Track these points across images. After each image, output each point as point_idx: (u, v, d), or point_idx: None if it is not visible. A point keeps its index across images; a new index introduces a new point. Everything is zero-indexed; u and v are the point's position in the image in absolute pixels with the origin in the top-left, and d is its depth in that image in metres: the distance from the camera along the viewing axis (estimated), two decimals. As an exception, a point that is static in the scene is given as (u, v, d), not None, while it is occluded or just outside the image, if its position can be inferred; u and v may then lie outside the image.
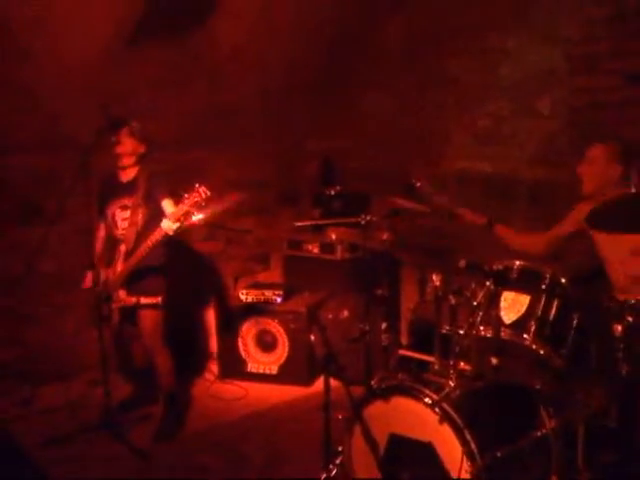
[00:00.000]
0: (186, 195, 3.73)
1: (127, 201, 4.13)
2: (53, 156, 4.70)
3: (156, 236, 3.90)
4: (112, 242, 4.22)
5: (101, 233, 4.29)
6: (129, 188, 4.15)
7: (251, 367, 4.98)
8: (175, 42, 4.77)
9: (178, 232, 3.86)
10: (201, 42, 4.89)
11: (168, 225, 3.81)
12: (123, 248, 4.10)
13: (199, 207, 3.73)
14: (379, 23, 5.42)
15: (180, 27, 4.73)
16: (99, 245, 4.27)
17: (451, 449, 2.75)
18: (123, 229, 4.14)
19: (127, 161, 4.15)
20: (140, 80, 4.77)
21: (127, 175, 4.19)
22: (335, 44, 5.42)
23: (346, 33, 5.40)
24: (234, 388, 4.86)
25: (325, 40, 5.38)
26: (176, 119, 5.00)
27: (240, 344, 4.98)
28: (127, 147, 4.12)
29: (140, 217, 4.10)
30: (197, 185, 3.70)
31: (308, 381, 4.84)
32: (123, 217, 4.15)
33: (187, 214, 3.75)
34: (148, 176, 4.12)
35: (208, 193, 3.71)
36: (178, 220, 3.79)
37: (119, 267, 4.10)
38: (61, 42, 4.37)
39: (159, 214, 3.99)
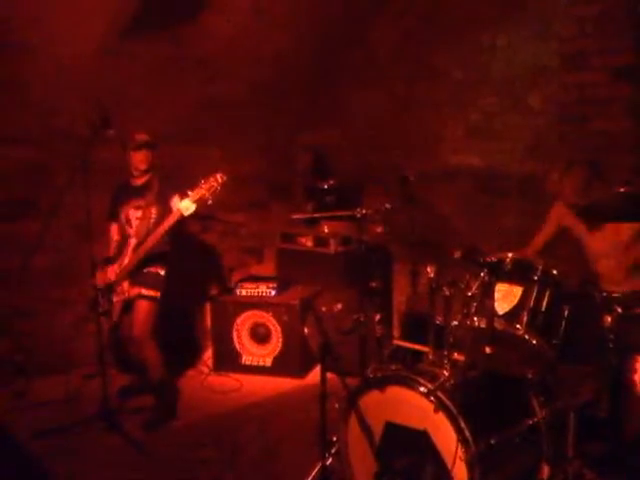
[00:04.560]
0: (203, 180, 3.81)
1: (141, 202, 4.24)
2: (47, 150, 4.71)
3: (171, 219, 3.99)
4: (124, 240, 4.29)
5: (115, 237, 4.37)
6: (142, 190, 4.26)
7: (245, 359, 5.02)
8: (168, 36, 4.81)
9: (191, 216, 3.95)
10: (194, 36, 4.92)
11: (186, 205, 3.87)
12: (133, 242, 4.20)
13: (214, 192, 3.83)
14: (370, 18, 5.45)
15: (173, 21, 4.77)
16: (113, 248, 4.35)
17: (446, 436, 2.80)
18: (136, 226, 4.24)
19: (143, 168, 4.27)
20: (133, 74, 4.80)
21: (140, 179, 4.30)
22: (326, 38, 5.45)
23: (337, 28, 5.42)
24: (229, 380, 4.89)
25: (316, 34, 5.41)
26: (169, 112, 5.01)
27: (234, 337, 5.01)
28: (147, 162, 4.25)
29: (153, 214, 4.18)
30: (215, 172, 3.85)
31: (302, 373, 4.87)
32: (136, 216, 4.24)
33: (203, 198, 3.82)
34: (160, 178, 4.23)
35: (224, 178, 3.77)
36: (195, 202, 3.86)
37: (127, 260, 4.18)
38: (55, 37, 4.38)
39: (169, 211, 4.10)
